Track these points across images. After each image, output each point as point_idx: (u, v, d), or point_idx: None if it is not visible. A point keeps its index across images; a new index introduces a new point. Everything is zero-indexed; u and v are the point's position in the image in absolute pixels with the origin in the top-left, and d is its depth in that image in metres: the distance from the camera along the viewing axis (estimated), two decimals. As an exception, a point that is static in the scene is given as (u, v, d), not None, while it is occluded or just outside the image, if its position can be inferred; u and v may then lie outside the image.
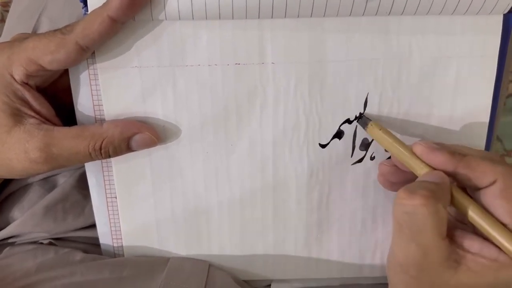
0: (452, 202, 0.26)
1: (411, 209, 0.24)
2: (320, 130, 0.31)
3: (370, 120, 0.30)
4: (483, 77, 0.31)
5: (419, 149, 0.27)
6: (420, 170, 0.27)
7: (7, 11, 0.46)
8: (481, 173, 0.25)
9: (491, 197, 0.25)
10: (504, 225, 0.24)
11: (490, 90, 0.31)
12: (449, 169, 0.26)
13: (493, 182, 0.25)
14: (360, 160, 0.33)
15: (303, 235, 0.34)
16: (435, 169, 0.26)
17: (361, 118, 0.31)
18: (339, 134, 0.32)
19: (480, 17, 0.30)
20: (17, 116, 0.27)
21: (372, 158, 0.33)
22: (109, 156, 0.29)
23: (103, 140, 0.28)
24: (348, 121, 0.31)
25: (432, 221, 0.24)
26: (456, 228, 0.26)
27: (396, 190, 0.30)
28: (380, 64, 0.30)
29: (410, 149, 0.28)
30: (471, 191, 0.27)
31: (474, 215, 0.25)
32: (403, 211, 0.24)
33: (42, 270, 0.31)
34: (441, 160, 0.26)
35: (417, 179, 0.26)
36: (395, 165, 0.29)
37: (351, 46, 0.30)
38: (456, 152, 0.26)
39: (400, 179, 0.30)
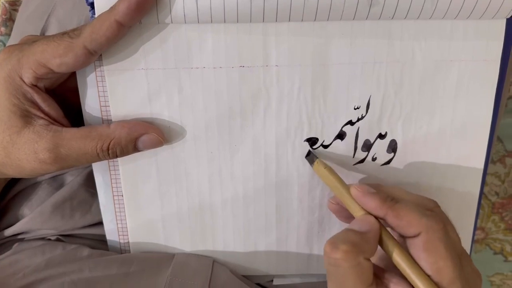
0: (381, 245, 0.27)
1: (334, 262, 0.25)
2: (322, 131, 0.32)
3: (317, 157, 0.31)
4: (485, 81, 0.31)
5: (353, 193, 0.28)
6: (356, 213, 0.28)
7: (15, 10, 0.46)
8: (407, 224, 0.26)
9: (415, 248, 0.26)
10: (428, 276, 0.25)
11: (492, 94, 0.32)
12: (380, 214, 0.27)
13: (418, 234, 0.26)
14: (361, 161, 0.33)
15: (304, 233, 0.35)
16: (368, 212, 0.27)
17: (309, 155, 0.32)
18: (341, 135, 0.32)
19: (483, 21, 0.30)
20: (26, 118, 0.28)
21: (374, 159, 0.33)
22: (116, 156, 0.30)
23: (111, 141, 0.29)
24: (351, 122, 0.32)
25: (354, 274, 0.24)
26: (389, 270, 0.27)
27: (349, 222, 0.31)
28: (383, 67, 0.31)
29: (348, 191, 0.29)
30: (402, 237, 0.27)
31: (398, 260, 0.26)
32: (328, 262, 0.25)
33: (50, 265, 0.32)
34: (372, 205, 0.27)
35: (345, 228, 0.27)
36: (339, 203, 0.31)
37: (354, 49, 0.30)
38: (388, 198, 0.27)
39: (348, 215, 0.30)
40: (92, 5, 0.28)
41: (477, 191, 0.35)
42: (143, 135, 0.29)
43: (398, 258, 0.26)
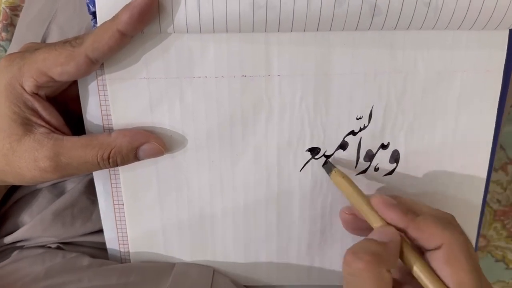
0: (401, 257, 0.26)
1: (354, 272, 0.24)
2: (324, 141, 0.32)
3: (335, 166, 0.31)
4: (488, 91, 0.31)
5: (375, 203, 0.28)
6: (375, 223, 0.28)
7: (16, 15, 0.46)
8: (429, 236, 0.26)
9: (437, 261, 0.25)
10: None
11: (494, 104, 0.32)
12: (401, 226, 0.27)
13: (439, 247, 0.25)
14: (364, 171, 0.33)
15: (306, 243, 0.35)
16: (389, 223, 0.27)
17: (326, 164, 0.32)
18: (343, 145, 0.32)
19: (486, 32, 0.30)
20: (27, 126, 0.28)
21: (376, 169, 0.33)
22: (117, 165, 0.29)
23: (112, 150, 0.29)
24: (353, 132, 0.32)
25: (374, 285, 0.24)
26: (406, 283, 0.27)
27: (360, 235, 0.31)
28: (385, 77, 0.31)
29: (367, 201, 0.28)
30: (422, 250, 0.27)
31: (419, 273, 0.25)
32: (347, 272, 0.25)
33: (50, 275, 0.32)
34: (394, 217, 0.27)
35: (366, 237, 0.27)
36: (354, 213, 0.30)
37: (356, 59, 0.30)
38: (410, 211, 0.27)
39: (360, 226, 0.30)
40: (94, 14, 0.28)
41: (480, 200, 0.35)
42: (144, 144, 0.29)
43: (419, 271, 0.25)
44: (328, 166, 0.31)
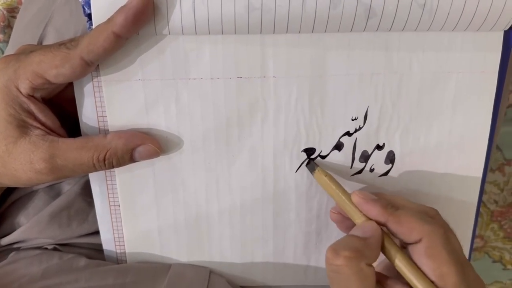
0: (383, 251, 0.27)
1: (336, 269, 0.25)
2: (320, 141, 0.32)
3: (318, 165, 0.31)
4: (483, 92, 0.31)
5: (355, 199, 0.28)
6: (358, 219, 0.28)
7: (13, 17, 0.46)
8: (408, 230, 0.26)
9: (417, 254, 0.26)
10: (432, 282, 0.25)
11: (490, 105, 0.32)
12: (381, 220, 0.27)
13: (419, 240, 0.26)
14: (359, 172, 0.33)
15: (302, 244, 0.35)
16: (370, 218, 0.27)
17: (309, 163, 0.32)
18: (338, 146, 0.32)
19: (481, 33, 0.30)
20: (23, 128, 0.28)
21: (371, 170, 0.33)
22: (113, 167, 0.29)
23: (107, 152, 0.29)
24: (348, 133, 0.32)
25: (356, 280, 0.24)
26: (390, 278, 0.27)
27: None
28: (381, 78, 0.31)
29: (349, 198, 0.29)
30: (403, 244, 0.27)
31: (401, 266, 0.26)
32: (329, 269, 0.25)
33: (47, 276, 0.32)
34: (374, 212, 0.27)
35: (347, 234, 0.27)
36: (340, 213, 0.31)
37: (351, 61, 0.30)
38: (389, 205, 0.27)
39: (349, 224, 0.30)
40: (89, 16, 0.28)
41: (476, 200, 0.35)
42: (139, 146, 0.29)
43: (400, 264, 0.26)
44: (311, 165, 0.32)
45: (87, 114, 0.30)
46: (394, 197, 0.29)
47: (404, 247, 0.27)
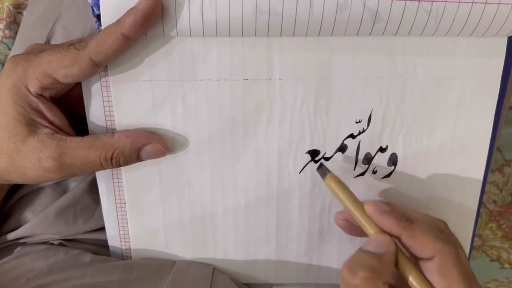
0: (396, 266, 0.27)
1: None
2: (324, 143, 0.32)
3: (329, 171, 0.31)
4: (486, 97, 0.32)
5: (369, 209, 0.28)
6: (370, 230, 0.28)
7: (20, 13, 0.46)
8: (421, 246, 0.26)
9: (429, 270, 0.26)
10: None
11: (492, 110, 0.32)
12: (395, 233, 0.27)
13: (432, 257, 0.26)
14: (362, 174, 0.33)
15: (304, 243, 0.35)
16: (383, 230, 0.27)
17: (321, 167, 0.31)
18: (342, 148, 0.33)
19: (485, 39, 0.30)
20: (31, 126, 0.28)
21: (374, 172, 0.33)
22: (120, 166, 0.30)
23: (114, 151, 0.29)
24: (352, 136, 0.32)
25: None
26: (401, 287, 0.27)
27: (355, 235, 0.32)
28: (385, 82, 0.31)
29: (361, 207, 0.28)
30: (415, 257, 0.28)
31: (415, 284, 0.26)
32: (345, 287, 0.25)
33: (53, 271, 0.32)
34: (388, 224, 0.27)
35: (362, 248, 0.27)
36: (347, 219, 0.31)
37: (357, 64, 0.30)
38: (403, 218, 0.27)
39: (355, 229, 0.30)
40: (98, 17, 0.28)
41: (476, 202, 0.35)
42: (146, 145, 0.30)
43: (414, 282, 0.26)
44: (322, 170, 0.31)
45: (95, 113, 0.31)
46: (406, 209, 0.29)
47: (414, 259, 0.27)
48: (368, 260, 0.26)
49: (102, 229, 0.36)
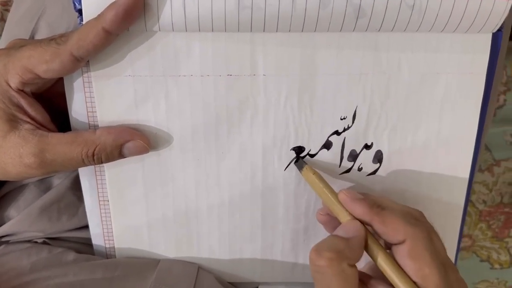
0: (367, 250, 0.27)
1: (318, 269, 0.25)
2: (309, 140, 0.32)
3: (306, 163, 0.31)
4: (471, 93, 0.32)
5: (342, 197, 0.28)
6: (343, 218, 0.28)
7: (7, 10, 0.46)
8: (392, 230, 0.26)
9: (401, 255, 0.26)
10: (414, 283, 0.25)
11: (477, 106, 0.32)
12: (366, 220, 0.27)
13: (403, 241, 0.26)
14: (347, 171, 0.33)
15: (290, 241, 0.35)
16: (355, 217, 0.28)
17: (298, 161, 0.32)
18: (327, 145, 0.32)
19: (469, 35, 0.30)
20: (12, 122, 0.28)
21: (359, 169, 0.33)
22: (102, 162, 0.30)
23: (96, 147, 0.29)
24: (337, 132, 0.32)
25: (338, 280, 0.25)
26: (373, 277, 0.27)
27: None
28: (369, 78, 0.31)
29: (335, 196, 0.29)
30: (387, 244, 0.28)
31: (383, 265, 0.26)
32: (313, 269, 0.26)
33: (36, 269, 0.32)
34: (359, 211, 0.27)
35: (330, 234, 0.28)
36: (328, 214, 0.31)
37: (341, 60, 0.30)
38: (375, 205, 0.27)
39: (336, 225, 0.30)
40: (80, 11, 0.28)
41: (462, 200, 0.35)
42: (128, 142, 0.30)
43: (383, 264, 0.26)
44: (299, 163, 0.32)
45: (77, 109, 0.30)
46: (380, 198, 0.29)
47: (388, 247, 0.28)
48: (335, 243, 0.26)
49: (86, 227, 0.35)
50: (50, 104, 0.31)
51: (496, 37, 0.30)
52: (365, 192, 0.29)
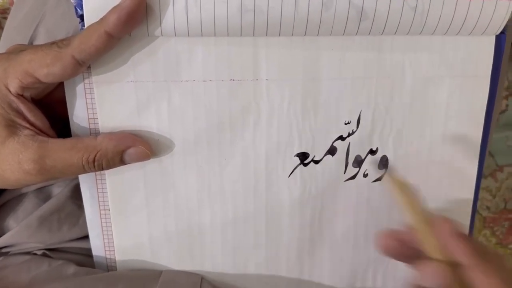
0: None
1: None
2: (313, 146, 0.32)
3: (394, 171, 0.28)
4: (476, 97, 0.31)
5: (442, 228, 0.24)
6: (432, 253, 0.24)
7: (5, 18, 0.46)
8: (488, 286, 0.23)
9: None
10: None
11: (482, 110, 0.32)
12: (465, 264, 0.23)
13: None
14: (353, 177, 0.33)
15: (295, 251, 0.34)
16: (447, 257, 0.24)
17: (387, 166, 0.30)
18: (332, 151, 0.32)
19: (473, 37, 0.30)
20: (11, 127, 0.27)
21: (365, 175, 0.33)
22: (102, 169, 0.29)
23: (97, 153, 0.28)
24: (341, 137, 0.32)
25: None
26: None
27: (399, 260, 0.27)
28: (373, 82, 0.31)
29: (427, 220, 0.24)
30: None
31: None
32: None
33: (35, 283, 0.31)
34: (460, 253, 0.23)
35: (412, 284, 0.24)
36: (402, 239, 0.26)
37: (344, 64, 0.30)
38: (479, 250, 0.23)
39: (404, 253, 0.26)
40: (81, 17, 0.28)
41: (470, 207, 0.35)
42: (130, 148, 0.29)
43: None
44: (390, 170, 0.28)
45: (78, 115, 0.30)
46: (474, 239, 0.25)
47: None
48: None
49: (87, 237, 0.35)
50: (50, 110, 0.30)
51: (499, 39, 0.30)
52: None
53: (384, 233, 0.26)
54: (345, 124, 0.31)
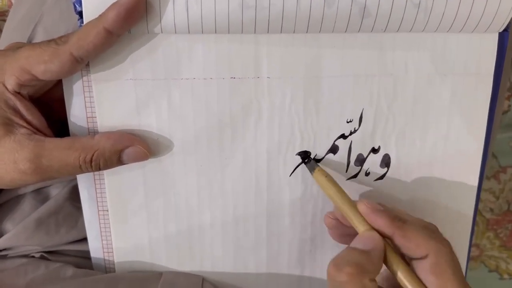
0: (386, 263, 0.26)
1: (338, 285, 0.24)
2: (315, 144, 0.31)
3: (318, 165, 0.30)
4: (479, 95, 0.31)
5: (362, 208, 0.27)
6: (361, 227, 0.27)
7: (4, 20, 0.46)
8: (415, 245, 0.25)
9: (423, 270, 0.25)
10: None
11: (485, 108, 0.32)
12: (388, 233, 0.26)
13: (425, 256, 0.25)
14: (355, 176, 0.32)
15: (296, 250, 0.34)
16: (374, 228, 0.27)
17: (309, 162, 0.31)
18: (333, 149, 0.32)
19: (476, 35, 0.30)
20: (7, 126, 0.27)
21: (367, 174, 0.32)
22: (100, 169, 0.28)
23: (94, 152, 0.28)
24: (343, 136, 0.31)
25: None
26: None
27: (344, 243, 0.30)
28: (376, 80, 0.30)
29: (352, 204, 0.28)
30: (407, 258, 0.27)
31: (403, 279, 0.25)
32: (332, 285, 0.25)
33: (32, 287, 0.30)
34: (380, 223, 0.26)
35: (348, 246, 0.27)
36: (337, 219, 0.30)
37: (346, 62, 0.30)
38: (396, 218, 0.26)
39: (344, 232, 0.30)
40: (80, 14, 0.27)
41: (472, 208, 0.34)
42: (128, 148, 0.29)
43: (404, 279, 0.25)
44: (311, 164, 0.31)
45: (76, 114, 0.29)
46: (398, 210, 0.28)
47: (406, 261, 0.27)
48: (355, 257, 0.25)
49: (85, 239, 0.34)
50: (48, 110, 0.30)
51: (503, 36, 0.30)
52: (381, 203, 0.28)
53: (327, 213, 0.31)
54: (347, 122, 0.31)
